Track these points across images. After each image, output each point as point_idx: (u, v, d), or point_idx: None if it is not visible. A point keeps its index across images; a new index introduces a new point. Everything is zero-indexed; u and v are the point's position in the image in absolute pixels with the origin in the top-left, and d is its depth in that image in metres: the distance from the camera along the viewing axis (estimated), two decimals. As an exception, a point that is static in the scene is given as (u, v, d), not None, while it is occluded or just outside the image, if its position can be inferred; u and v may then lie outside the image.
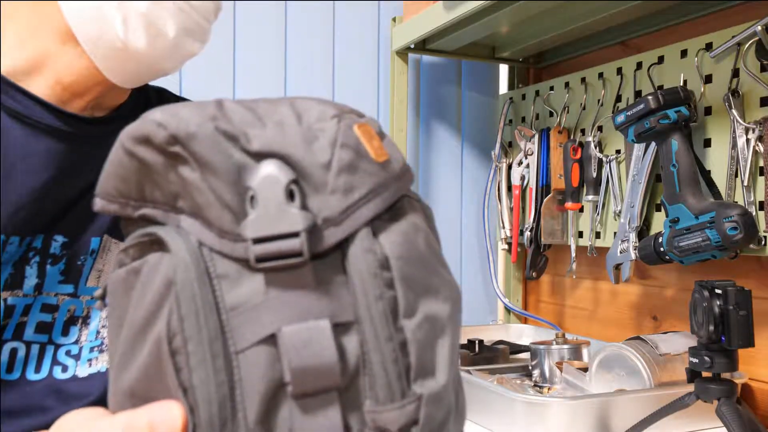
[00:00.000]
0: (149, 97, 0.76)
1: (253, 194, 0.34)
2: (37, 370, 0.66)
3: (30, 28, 0.63)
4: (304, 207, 0.34)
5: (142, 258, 0.35)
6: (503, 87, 1.68)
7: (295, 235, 0.33)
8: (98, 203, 0.37)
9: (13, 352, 0.65)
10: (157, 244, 0.35)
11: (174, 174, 0.35)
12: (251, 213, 0.34)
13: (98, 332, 0.70)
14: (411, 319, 0.36)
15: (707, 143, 1.09)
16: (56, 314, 0.67)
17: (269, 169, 0.34)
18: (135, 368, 0.35)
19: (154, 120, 0.35)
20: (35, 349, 0.66)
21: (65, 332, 0.68)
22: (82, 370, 0.68)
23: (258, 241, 0.33)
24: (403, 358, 0.35)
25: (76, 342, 0.68)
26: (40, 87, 0.64)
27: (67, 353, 0.68)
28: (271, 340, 0.33)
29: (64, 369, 0.68)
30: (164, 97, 0.78)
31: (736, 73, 1.03)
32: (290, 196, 0.34)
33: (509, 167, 1.55)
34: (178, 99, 0.80)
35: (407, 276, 0.36)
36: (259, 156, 0.34)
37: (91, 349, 0.69)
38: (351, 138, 0.36)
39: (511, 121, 1.58)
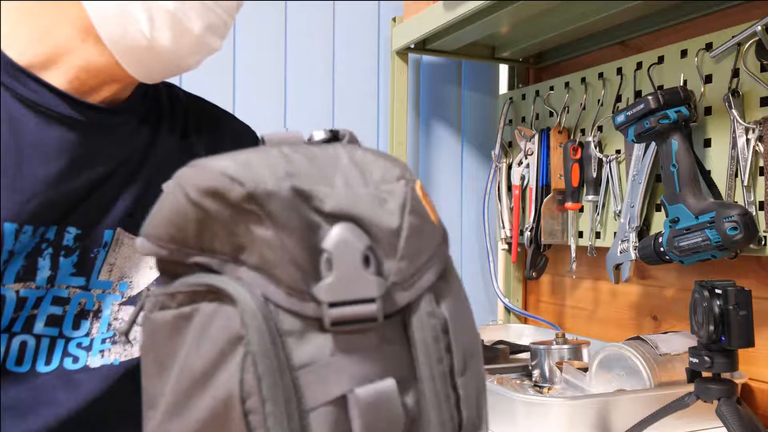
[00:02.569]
0: (159, 89, 0.76)
1: (329, 257, 0.34)
2: (48, 362, 0.65)
3: (49, 25, 0.63)
4: (378, 272, 0.35)
5: (192, 305, 0.35)
6: (503, 87, 1.68)
7: (370, 300, 0.35)
8: (146, 247, 0.37)
9: (23, 345, 0.64)
10: (213, 294, 0.35)
11: (242, 228, 0.35)
12: (327, 276, 0.34)
13: (110, 324, 0.69)
14: (463, 377, 0.38)
15: (707, 143, 1.09)
16: (67, 307, 0.66)
17: (344, 233, 0.35)
18: (192, 420, 0.35)
19: (227, 174, 0.34)
20: (45, 342, 0.65)
21: (76, 326, 0.67)
22: (94, 361, 0.67)
23: (333, 304, 0.34)
24: (457, 415, 0.37)
25: (87, 335, 0.67)
26: (58, 80, 0.64)
27: (78, 345, 0.67)
28: (340, 399, 0.34)
29: (75, 360, 0.67)
30: (174, 92, 0.78)
31: (736, 73, 1.03)
32: (366, 261, 0.35)
33: (509, 167, 1.55)
34: (188, 95, 0.80)
35: (460, 337, 0.38)
36: (332, 217, 0.35)
37: (103, 341, 0.68)
38: (417, 202, 0.38)
39: (511, 121, 1.58)
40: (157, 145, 0.71)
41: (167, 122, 0.74)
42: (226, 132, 0.80)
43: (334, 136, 0.42)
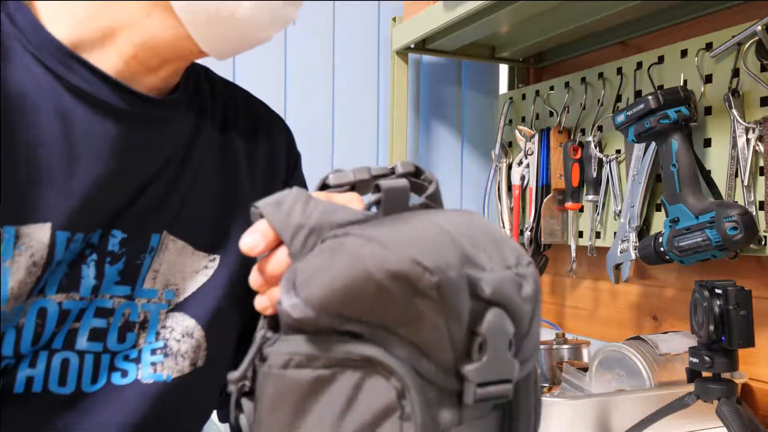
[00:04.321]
0: (198, 75, 0.70)
1: (482, 342, 0.36)
2: (94, 381, 0.59)
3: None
4: (515, 354, 0.38)
5: (335, 368, 0.36)
6: (503, 87, 1.68)
7: (508, 381, 0.37)
8: (302, 310, 0.36)
9: (65, 363, 0.58)
10: (362, 362, 0.36)
11: (414, 308, 0.35)
12: (479, 359, 0.36)
13: (158, 333, 0.63)
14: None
15: (707, 143, 1.09)
16: (111, 319, 0.60)
17: (498, 320, 0.36)
18: None
19: (419, 262, 0.35)
20: (89, 359, 0.59)
21: (121, 339, 0.61)
22: (145, 375, 0.61)
23: (480, 384, 0.36)
24: None
25: (134, 347, 0.62)
26: (112, 60, 0.58)
27: (126, 358, 0.61)
28: None
29: (124, 374, 0.61)
30: (211, 77, 0.72)
31: (736, 73, 1.03)
32: (510, 345, 0.37)
33: (509, 167, 1.55)
34: (224, 81, 0.74)
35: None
36: (488, 303, 0.36)
37: (153, 352, 0.62)
38: (540, 289, 0.40)
39: (511, 121, 1.58)
40: (199, 140, 0.66)
41: (209, 114, 0.68)
42: (261, 128, 0.74)
43: (417, 172, 0.44)
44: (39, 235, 0.54)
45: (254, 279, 0.42)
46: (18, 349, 0.56)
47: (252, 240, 0.40)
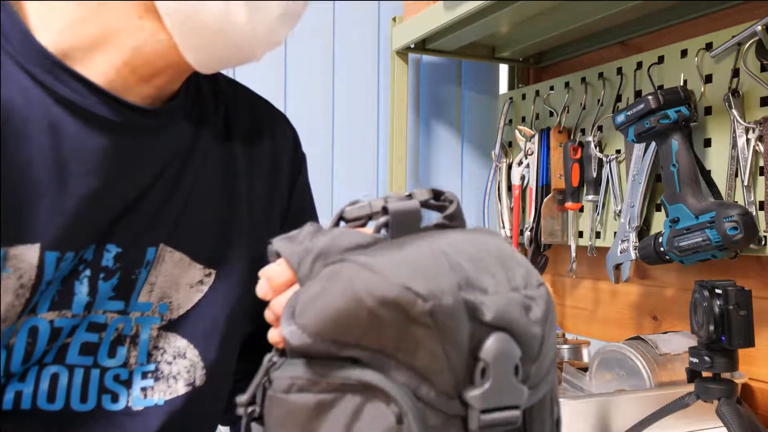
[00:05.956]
0: (199, 82, 0.66)
1: (485, 367, 0.36)
2: (83, 399, 0.58)
3: (98, 1, 0.54)
4: (523, 380, 0.37)
5: (335, 393, 0.36)
6: (503, 87, 1.68)
7: (516, 407, 0.37)
8: (302, 339, 0.36)
9: (54, 377, 0.56)
10: (362, 387, 0.36)
11: (410, 335, 0.35)
12: (482, 384, 0.36)
13: (150, 354, 0.60)
14: None
15: (707, 143, 1.09)
16: (103, 334, 0.58)
17: (501, 345, 0.36)
18: None
19: (411, 288, 0.35)
20: (79, 373, 0.57)
21: (111, 354, 0.59)
22: (136, 402, 0.60)
23: (484, 410, 0.36)
24: None
25: (125, 365, 0.59)
26: (103, 67, 0.55)
27: (116, 378, 0.59)
28: None
29: (115, 398, 0.59)
30: (214, 80, 0.69)
31: (736, 73, 1.03)
32: (516, 370, 0.37)
33: (509, 167, 1.55)
34: (229, 84, 0.71)
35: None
36: (490, 327, 0.36)
37: (144, 375, 0.60)
38: (553, 308, 0.40)
39: (511, 121, 1.58)
40: (198, 149, 0.63)
41: (209, 120, 0.65)
42: (264, 130, 0.71)
43: (436, 196, 0.43)
44: (28, 256, 0.52)
45: (267, 314, 0.43)
46: (8, 368, 0.55)
47: (261, 289, 0.42)
